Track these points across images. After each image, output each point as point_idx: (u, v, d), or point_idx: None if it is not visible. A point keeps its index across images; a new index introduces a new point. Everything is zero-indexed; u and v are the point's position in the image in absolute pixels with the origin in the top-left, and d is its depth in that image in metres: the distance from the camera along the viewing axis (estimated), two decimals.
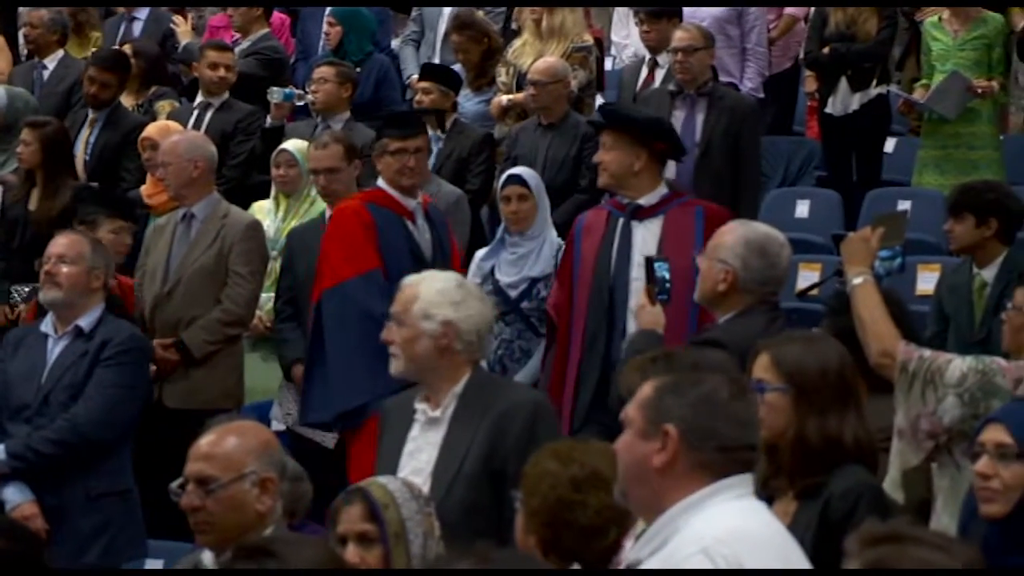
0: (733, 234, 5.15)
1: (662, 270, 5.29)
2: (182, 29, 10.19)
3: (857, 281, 4.56)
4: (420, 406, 4.63)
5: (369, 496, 3.68)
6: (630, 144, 5.96)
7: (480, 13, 9.49)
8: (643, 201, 6.01)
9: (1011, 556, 3.74)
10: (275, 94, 8.50)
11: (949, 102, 8.67)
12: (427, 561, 3.58)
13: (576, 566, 3.58)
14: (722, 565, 2.91)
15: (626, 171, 5.97)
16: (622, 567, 3.18)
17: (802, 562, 3.09)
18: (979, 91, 8.70)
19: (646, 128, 6.09)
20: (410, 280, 4.73)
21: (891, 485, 4.34)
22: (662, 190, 6.07)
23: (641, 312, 5.27)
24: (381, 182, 6.57)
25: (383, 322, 4.72)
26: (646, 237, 5.96)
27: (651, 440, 3.03)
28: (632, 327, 5.70)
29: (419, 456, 4.58)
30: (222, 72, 8.67)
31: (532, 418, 4.55)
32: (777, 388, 3.93)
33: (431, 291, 4.60)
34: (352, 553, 3.62)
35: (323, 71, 8.45)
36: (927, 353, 4.38)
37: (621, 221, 6.03)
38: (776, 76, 9.76)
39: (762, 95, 9.09)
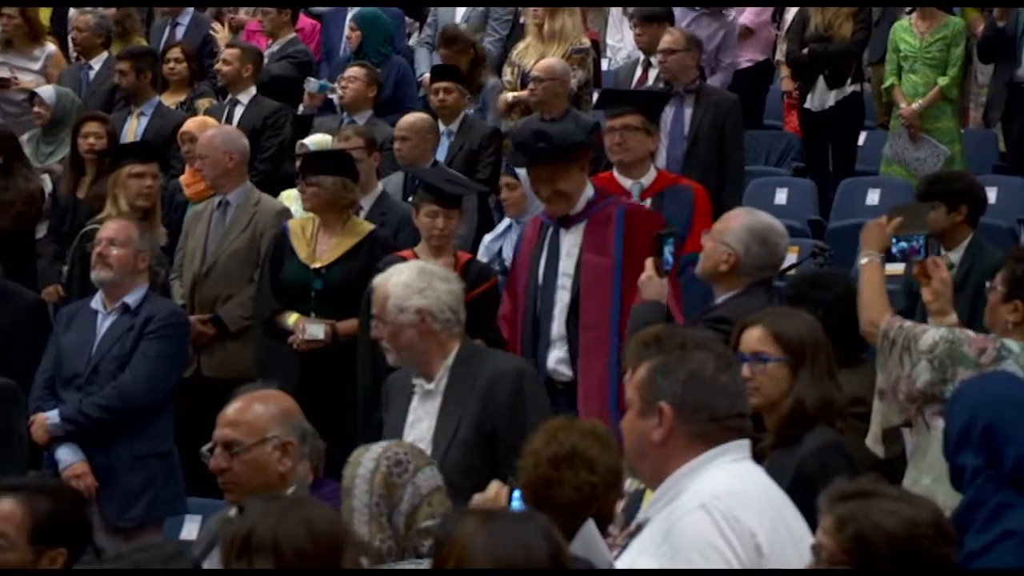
0: (739, 220, 5.14)
1: (668, 244, 5.18)
2: (221, 35, 10.14)
3: (863, 261, 4.63)
4: (417, 380, 4.63)
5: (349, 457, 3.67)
6: (563, 170, 5.44)
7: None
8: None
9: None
10: (312, 84, 8.50)
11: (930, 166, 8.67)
12: (369, 517, 3.52)
13: None
14: (718, 518, 2.93)
15: (575, 193, 5.46)
16: (633, 528, 3.13)
17: (793, 516, 3.09)
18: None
19: (562, 153, 5.46)
20: (378, 279, 4.70)
21: (872, 440, 4.38)
22: (587, 194, 5.52)
23: (648, 283, 5.12)
24: None
25: None
26: (571, 245, 5.49)
27: (648, 418, 3.04)
28: (556, 333, 5.43)
29: (420, 426, 4.59)
30: (236, 65, 8.57)
31: (518, 383, 4.56)
32: (780, 359, 3.98)
33: (398, 286, 4.58)
34: None
35: (354, 71, 8.43)
36: (907, 323, 4.43)
37: (551, 231, 5.57)
38: (745, 71, 9.68)
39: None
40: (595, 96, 8.81)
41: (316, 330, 6.33)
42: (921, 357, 4.28)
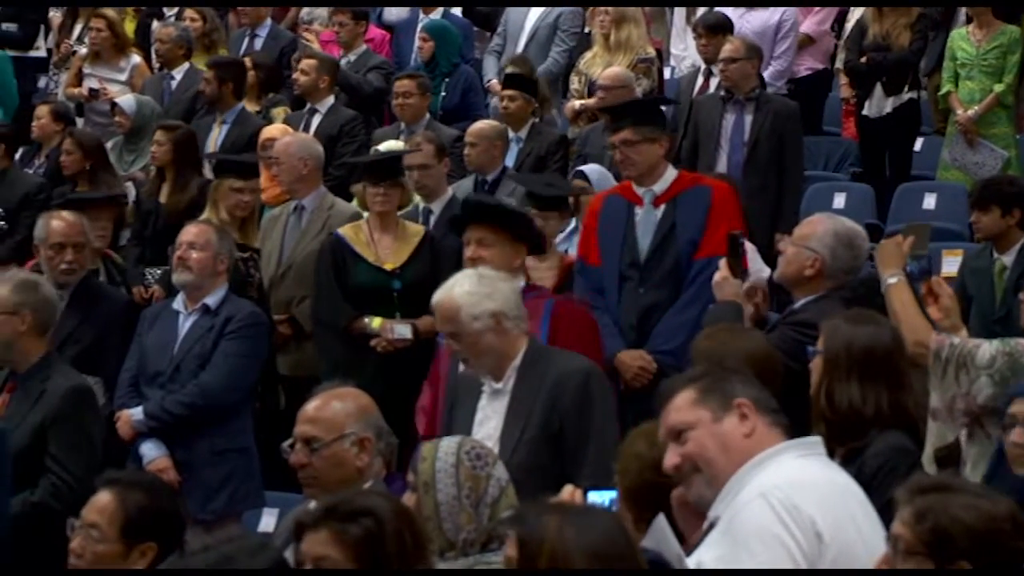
0: (823, 225, 5.06)
1: (744, 246, 5.15)
2: (316, 45, 10.10)
3: (892, 281, 4.52)
4: (485, 380, 4.59)
5: (418, 450, 3.63)
6: (510, 241, 5.15)
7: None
8: None
9: None
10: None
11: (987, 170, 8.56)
12: (459, 508, 3.50)
13: None
14: (777, 506, 2.94)
15: (508, 268, 5.04)
16: (705, 527, 3.12)
17: (860, 504, 3.07)
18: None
19: (516, 222, 5.19)
20: (440, 295, 4.58)
21: (927, 460, 4.28)
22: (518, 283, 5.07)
23: (724, 284, 5.05)
24: None
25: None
26: None
27: (724, 420, 3.09)
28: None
29: (488, 424, 4.55)
30: (313, 76, 8.58)
31: (584, 382, 4.52)
32: (815, 351, 3.97)
33: (464, 295, 4.53)
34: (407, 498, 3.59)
35: (406, 85, 8.37)
36: (956, 340, 4.33)
37: None
38: (806, 79, 9.63)
39: (784, 92, 8.96)
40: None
41: (404, 330, 6.33)
42: (980, 373, 4.20)
